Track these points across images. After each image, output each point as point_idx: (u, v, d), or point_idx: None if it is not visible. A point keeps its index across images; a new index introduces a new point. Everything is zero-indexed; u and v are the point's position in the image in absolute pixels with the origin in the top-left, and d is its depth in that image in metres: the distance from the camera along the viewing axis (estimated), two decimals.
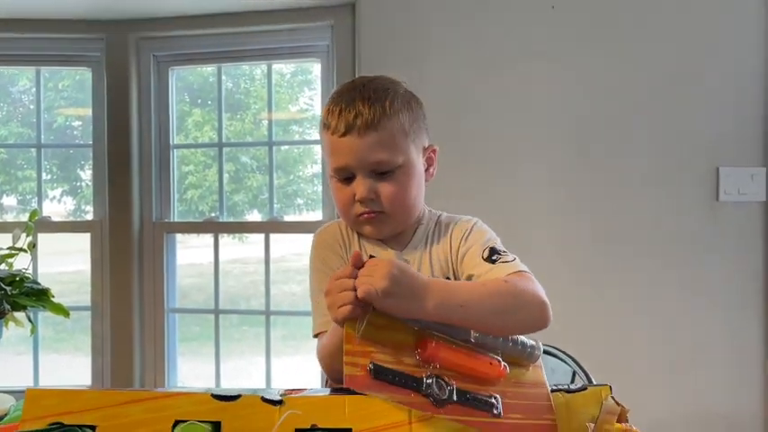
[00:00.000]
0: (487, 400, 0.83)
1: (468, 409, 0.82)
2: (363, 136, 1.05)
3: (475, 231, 1.14)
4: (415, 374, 0.83)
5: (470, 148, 2.18)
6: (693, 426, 2.12)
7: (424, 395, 0.82)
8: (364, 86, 1.09)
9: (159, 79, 2.53)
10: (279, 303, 2.63)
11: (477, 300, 0.92)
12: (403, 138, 1.08)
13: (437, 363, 0.85)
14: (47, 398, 0.89)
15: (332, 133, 1.08)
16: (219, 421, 0.87)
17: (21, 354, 2.64)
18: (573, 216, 2.16)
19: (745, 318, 2.12)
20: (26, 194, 2.85)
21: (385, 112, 1.06)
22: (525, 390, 0.87)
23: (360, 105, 1.05)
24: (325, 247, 1.18)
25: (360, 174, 1.08)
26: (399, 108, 1.08)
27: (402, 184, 1.09)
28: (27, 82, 2.77)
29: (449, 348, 0.87)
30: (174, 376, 2.54)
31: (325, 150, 1.13)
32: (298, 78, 2.90)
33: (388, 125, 1.06)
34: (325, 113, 1.10)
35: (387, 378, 0.82)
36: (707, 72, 2.12)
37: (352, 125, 1.05)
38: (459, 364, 0.86)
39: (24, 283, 1.83)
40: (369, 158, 1.06)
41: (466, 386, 0.84)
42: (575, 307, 2.14)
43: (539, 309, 0.98)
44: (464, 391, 0.83)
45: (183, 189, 2.73)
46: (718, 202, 2.12)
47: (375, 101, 1.06)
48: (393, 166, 1.08)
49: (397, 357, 0.84)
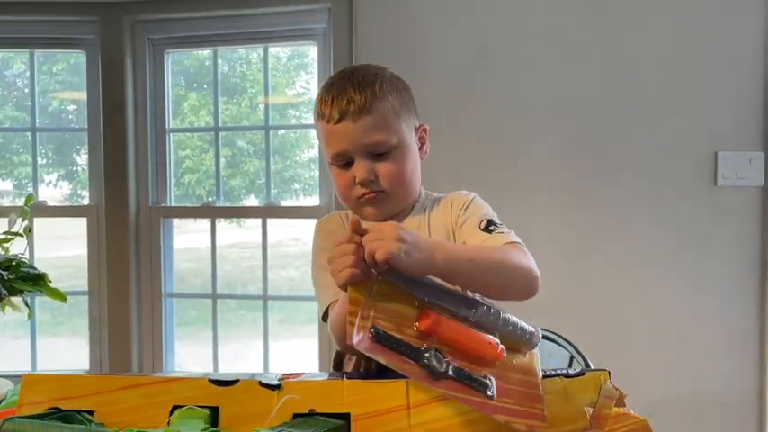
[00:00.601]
0: (482, 381, 0.83)
1: (463, 386, 0.81)
2: (357, 120, 1.09)
3: (474, 204, 1.19)
4: (415, 345, 0.83)
5: (469, 131, 2.17)
6: (690, 410, 2.13)
7: (421, 366, 0.81)
8: (353, 74, 1.15)
9: (154, 63, 2.51)
10: (276, 288, 2.63)
11: (482, 257, 0.98)
12: (395, 118, 1.13)
13: (436, 336, 0.84)
14: (44, 383, 0.89)
15: (327, 122, 1.12)
16: (217, 406, 0.87)
17: (18, 338, 2.65)
18: (571, 201, 2.16)
19: (741, 302, 2.13)
20: (22, 179, 2.84)
21: (375, 95, 1.10)
22: (520, 376, 0.86)
23: (351, 92, 1.10)
24: (326, 234, 1.22)
25: (357, 157, 1.12)
26: (388, 91, 1.13)
27: (399, 162, 1.13)
28: (21, 65, 2.75)
29: (449, 323, 0.86)
30: (171, 360, 2.55)
31: (321, 139, 1.17)
32: (294, 62, 2.88)
33: (379, 107, 1.10)
34: (319, 104, 1.15)
35: (388, 344, 0.82)
36: (706, 57, 2.11)
37: (346, 111, 1.09)
38: (457, 340, 0.85)
39: (21, 268, 1.83)
40: (365, 141, 1.10)
41: (462, 364, 0.83)
42: (572, 292, 2.14)
43: (532, 278, 1.03)
44: (460, 369, 0.82)
45: (180, 173, 2.72)
46: (716, 187, 2.11)
47: (365, 86, 1.11)
48: (389, 147, 1.12)
49: (398, 326, 0.84)
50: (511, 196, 2.12)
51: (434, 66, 2.18)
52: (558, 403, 0.88)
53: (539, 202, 2.16)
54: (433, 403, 0.87)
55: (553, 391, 0.89)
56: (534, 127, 2.17)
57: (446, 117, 2.12)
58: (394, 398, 0.83)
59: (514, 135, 2.17)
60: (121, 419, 0.85)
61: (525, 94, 2.17)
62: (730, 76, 2.11)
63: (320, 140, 1.19)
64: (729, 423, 2.14)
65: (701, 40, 2.11)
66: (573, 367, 1.19)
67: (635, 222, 2.14)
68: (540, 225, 2.13)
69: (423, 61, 2.17)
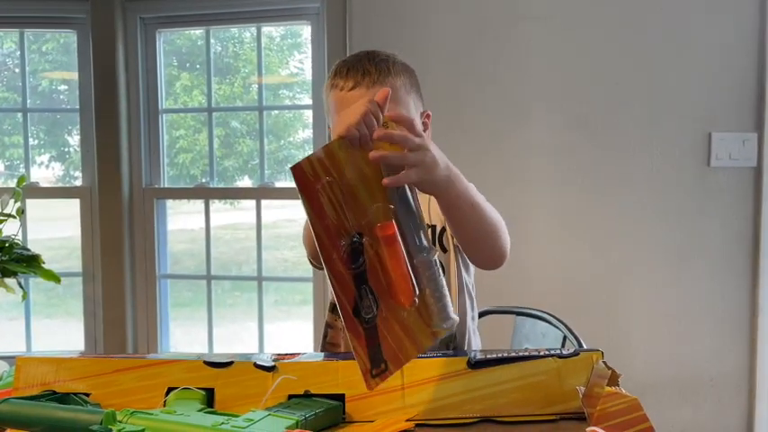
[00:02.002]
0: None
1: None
2: (371, 88, 1.12)
3: None
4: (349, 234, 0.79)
5: (467, 111, 2.16)
6: (680, 388, 2.16)
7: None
8: (367, 54, 1.19)
9: (146, 42, 2.48)
10: (271, 269, 2.63)
11: (483, 210, 1.01)
12: (405, 94, 1.17)
13: (381, 245, 0.81)
14: (38, 365, 0.89)
15: (340, 90, 1.15)
16: (212, 388, 0.87)
17: (13, 319, 2.65)
18: (565, 180, 2.16)
19: (733, 283, 2.14)
20: (13, 160, 2.81)
21: (389, 70, 1.15)
22: (401, 334, 0.82)
23: (366, 65, 1.15)
24: None
25: None
26: (401, 70, 1.18)
27: None
28: (12, 45, 2.71)
29: (399, 245, 0.82)
30: (166, 341, 2.55)
31: (332, 109, 1.18)
32: (287, 42, 2.86)
33: (392, 82, 1.14)
34: (332, 77, 1.18)
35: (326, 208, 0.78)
36: (700, 38, 2.10)
37: (361, 80, 1.14)
38: (392, 262, 0.82)
39: (14, 250, 1.82)
40: None
41: (375, 285, 0.81)
42: (564, 272, 2.16)
43: (505, 250, 1.09)
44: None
45: (174, 153, 2.71)
46: (710, 168, 2.12)
47: (380, 62, 1.16)
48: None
49: (348, 206, 0.80)
50: (506, 176, 2.13)
51: (429, 45, 2.16)
52: (551, 383, 0.89)
53: (533, 181, 2.16)
54: (427, 384, 0.88)
55: (546, 371, 0.89)
56: (531, 109, 2.16)
57: (442, 101, 2.11)
58: (389, 380, 0.83)
59: (510, 114, 2.16)
60: (117, 401, 0.85)
61: (521, 73, 2.16)
62: (725, 57, 2.10)
63: (330, 113, 1.20)
64: (719, 401, 2.16)
65: (695, 21, 2.10)
66: (566, 348, 1.20)
67: (628, 203, 2.15)
68: (533, 203, 2.14)
69: (417, 40, 2.16)
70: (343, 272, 0.79)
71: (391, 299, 0.82)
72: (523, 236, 1.79)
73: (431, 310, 0.85)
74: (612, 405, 0.76)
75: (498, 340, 1.44)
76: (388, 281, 0.82)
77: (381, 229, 0.82)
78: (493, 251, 1.07)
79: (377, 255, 0.81)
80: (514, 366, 0.89)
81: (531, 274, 2.13)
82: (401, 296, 0.82)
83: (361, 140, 0.81)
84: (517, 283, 1.85)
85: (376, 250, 0.81)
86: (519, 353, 0.93)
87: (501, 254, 1.08)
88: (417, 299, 0.83)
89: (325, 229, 0.78)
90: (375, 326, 0.80)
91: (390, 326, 0.81)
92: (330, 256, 0.78)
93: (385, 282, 0.82)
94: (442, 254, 1.23)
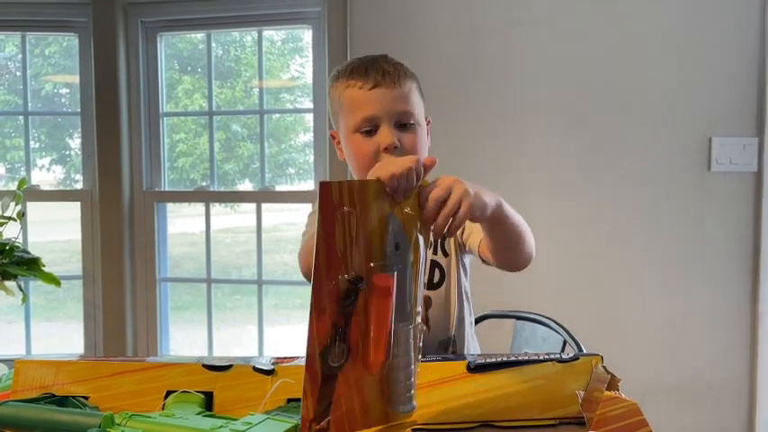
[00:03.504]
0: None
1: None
2: (391, 88, 1.15)
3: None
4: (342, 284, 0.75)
5: (466, 113, 2.16)
6: (680, 393, 2.15)
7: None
8: (380, 57, 1.21)
9: (147, 46, 2.49)
10: (271, 273, 2.63)
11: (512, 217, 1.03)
12: (417, 98, 1.20)
13: (373, 296, 0.77)
14: (37, 368, 0.89)
15: (359, 88, 1.16)
16: (211, 391, 0.87)
17: (12, 322, 2.64)
18: (565, 186, 2.16)
19: (734, 287, 2.14)
20: (14, 163, 2.81)
21: (405, 73, 1.19)
22: (354, 395, 0.77)
23: (384, 65, 1.17)
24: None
25: (385, 123, 1.15)
26: (412, 75, 1.21)
27: (419, 136, 1.18)
28: (14, 48, 2.72)
29: (389, 304, 0.79)
30: (166, 344, 2.55)
31: (346, 107, 1.18)
32: (288, 45, 2.86)
33: (407, 83, 1.18)
34: (348, 76, 1.18)
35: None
36: (701, 43, 2.11)
37: (382, 80, 1.15)
38: (377, 321, 0.78)
39: (14, 252, 1.82)
40: (396, 108, 1.15)
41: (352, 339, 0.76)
42: (565, 277, 2.15)
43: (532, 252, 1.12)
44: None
45: (174, 157, 2.71)
46: (710, 172, 2.12)
47: (395, 65, 1.19)
48: (414, 120, 1.17)
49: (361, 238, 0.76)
50: (506, 178, 2.12)
51: (429, 50, 2.16)
52: (550, 388, 0.88)
53: (534, 184, 2.16)
54: (427, 388, 0.87)
55: (546, 375, 0.89)
56: (529, 114, 2.16)
57: (440, 104, 2.11)
58: None
59: (511, 116, 2.17)
60: (116, 404, 0.85)
61: (521, 75, 2.16)
62: (725, 61, 2.10)
63: (343, 110, 1.19)
64: (719, 405, 2.16)
65: (696, 25, 2.11)
66: (566, 352, 1.20)
67: (629, 208, 2.15)
68: (532, 207, 2.13)
69: (418, 45, 2.16)
70: (326, 306, 0.73)
71: (359, 358, 0.76)
72: None
73: (394, 388, 0.80)
74: (612, 409, 0.76)
75: (498, 344, 1.44)
76: (365, 336, 0.77)
77: (380, 278, 0.77)
78: (524, 254, 1.10)
79: (364, 305, 0.76)
80: (514, 371, 0.89)
81: (530, 278, 2.11)
82: (372, 356, 0.78)
83: (397, 191, 0.80)
84: (517, 288, 1.84)
85: (366, 300, 0.76)
86: (519, 357, 0.92)
87: (530, 255, 1.11)
88: (386, 368, 0.79)
89: (327, 256, 0.74)
90: (335, 377, 0.74)
91: (348, 386, 0.76)
92: (320, 286, 0.73)
93: (362, 336, 0.76)
94: (444, 258, 1.23)
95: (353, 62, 1.21)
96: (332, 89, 1.22)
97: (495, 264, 1.14)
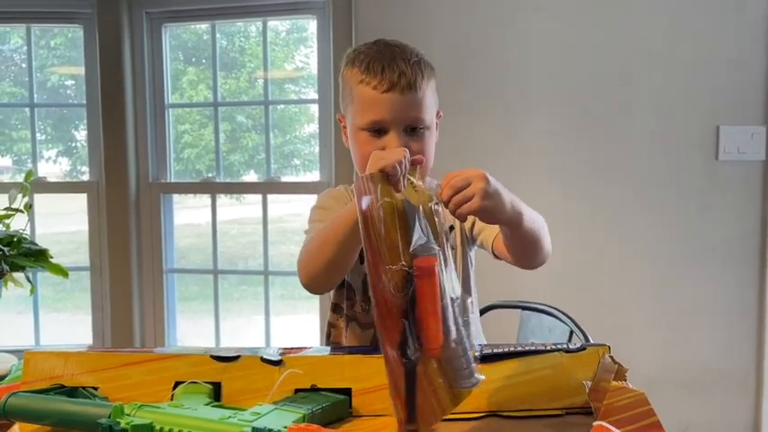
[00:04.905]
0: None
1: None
2: (405, 94, 1.11)
3: None
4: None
5: (471, 103, 2.15)
6: (688, 382, 2.15)
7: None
8: (398, 48, 1.15)
9: (152, 37, 2.48)
10: (277, 264, 2.64)
11: (531, 218, 1.03)
12: (432, 101, 1.16)
13: (420, 281, 0.78)
14: (46, 359, 0.90)
15: (373, 88, 1.11)
16: (219, 382, 0.88)
17: (21, 313, 2.66)
18: (572, 175, 2.16)
19: (740, 276, 2.13)
20: (21, 155, 2.82)
21: (423, 75, 1.13)
22: (425, 383, 0.78)
23: (402, 65, 1.11)
24: (329, 198, 1.27)
25: (394, 129, 1.11)
26: (430, 74, 1.16)
27: (427, 142, 1.14)
28: (19, 40, 2.72)
29: (433, 283, 0.79)
30: (173, 335, 2.56)
31: (357, 102, 1.14)
32: (293, 36, 2.85)
33: (423, 87, 1.13)
34: (364, 68, 1.13)
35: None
36: (708, 31, 2.09)
37: (397, 83, 1.10)
38: (425, 298, 0.78)
39: (22, 244, 1.83)
40: (408, 114, 1.11)
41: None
42: (573, 266, 2.15)
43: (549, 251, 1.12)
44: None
45: (180, 148, 2.71)
46: (718, 161, 2.11)
47: (414, 64, 1.13)
48: (423, 126, 1.13)
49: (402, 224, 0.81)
50: (511, 168, 2.12)
51: (434, 38, 2.15)
52: (557, 378, 0.89)
53: (538, 174, 2.15)
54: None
55: (553, 365, 0.89)
56: (534, 104, 2.15)
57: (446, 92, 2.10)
58: None
59: (515, 107, 2.16)
60: (125, 395, 0.85)
61: (526, 66, 2.15)
62: (733, 49, 2.09)
63: (353, 103, 1.15)
64: (727, 395, 2.16)
65: (704, 14, 2.09)
66: (573, 342, 1.20)
67: (636, 197, 2.14)
68: (539, 196, 2.12)
69: (423, 33, 2.15)
70: (390, 302, 0.74)
71: (423, 345, 0.77)
72: None
73: (454, 365, 0.80)
74: (619, 399, 0.76)
75: (505, 335, 1.44)
76: (421, 321, 0.77)
77: (423, 261, 0.78)
78: (539, 257, 1.10)
79: (419, 294, 0.77)
80: (521, 361, 0.89)
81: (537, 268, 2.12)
82: (432, 340, 0.77)
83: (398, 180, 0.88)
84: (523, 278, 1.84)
85: (417, 288, 0.77)
86: (526, 347, 0.92)
87: (546, 256, 1.11)
88: (445, 351, 0.79)
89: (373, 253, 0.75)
90: (415, 372, 0.75)
91: (422, 378, 0.76)
92: (378, 283, 0.74)
93: (420, 322, 0.77)
94: (450, 251, 1.22)
95: (371, 52, 1.14)
96: (345, 73, 1.17)
97: (511, 262, 1.14)
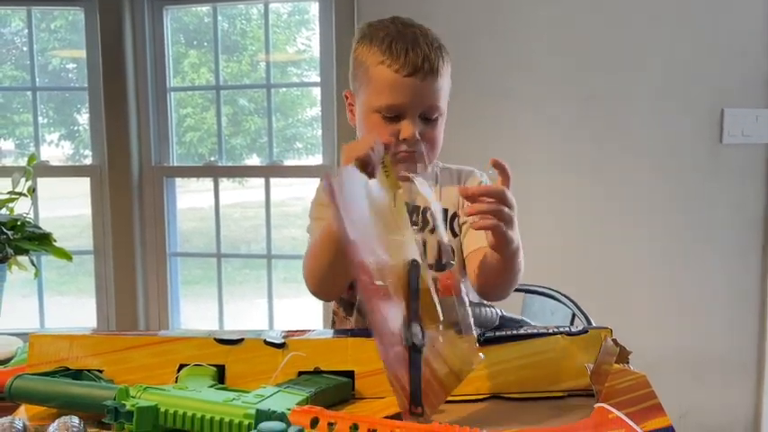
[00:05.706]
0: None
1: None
2: (425, 80, 1.08)
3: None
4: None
5: (471, 92, 2.14)
6: (690, 366, 2.16)
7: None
8: (420, 30, 1.12)
9: (154, 20, 2.47)
10: (280, 247, 2.64)
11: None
12: (448, 88, 1.14)
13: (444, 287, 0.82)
14: (51, 342, 0.90)
15: (395, 71, 1.08)
16: (223, 364, 0.88)
17: (26, 296, 2.67)
18: (575, 159, 2.15)
19: (744, 260, 2.13)
20: (23, 139, 2.82)
21: (444, 61, 1.11)
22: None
23: (426, 49, 1.09)
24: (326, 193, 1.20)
25: (409, 114, 1.09)
26: (448, 60, 1.13)
27: (439, 130, 1.14)
28: (20, 23, 2.71)
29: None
30: (177, 318, 2.58)
31: (373, 84, 1.11)
32: (295, 18, 2.83)
33: (444, 74, 1.11)
34: (385, 48, 1.09)
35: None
36: (712, 13, 2.07)
37: (420, 68, 1.07)
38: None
39: (26, 228, 1.84)
40: (425, 102, 1.09)
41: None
42: (575, 250, 2.15)
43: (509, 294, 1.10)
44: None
45: (182, 132, 2.71)
46: (722, 144, 2.10)
47: (437, 48, 1.10)
48: (438, 113, 1.12)
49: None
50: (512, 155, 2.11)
51: (437, 22, 2.13)
52: (560, 361, 0.89)
53: (540, 159, 2.15)
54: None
55: (555, 348, 0.90)
56: (539, 87, 2.14)
57: None
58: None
59: (516, 92, 2.15)
60: (130, 377, 0.86)
61: (527, 51, 2.13)
62: (737, 32, 2.07)
63: (369, 83, 1.11)
64: (728, 379, 2.17)
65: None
66: (575, 325, 1.20)
67: (640, 181, 2.14)
68: (542, 180, 2.13)
69: (426, 17, 2.13)
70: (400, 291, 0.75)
71: (441, 290, 0.80)
72: (533, 213, 1.79)
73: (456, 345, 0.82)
74: (621, 382, 0.76)
75: None
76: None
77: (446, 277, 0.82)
78: (499, 297, 1.10)
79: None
80: (524, 344, 0.90)
81: (539, 251, 2.11)
82: (445, 284, 0.81)
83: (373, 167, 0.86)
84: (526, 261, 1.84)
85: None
86: (528, 330, 0.93)
87: (508, 295, 1.10)
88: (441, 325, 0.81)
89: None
90: (421, 359, 0.76)
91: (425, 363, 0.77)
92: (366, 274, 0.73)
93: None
94: (453, 238, 1.23)
95: (391, 31, 1.10)
96: (359, 51, 1.13)
97: (474, 284, 1.12)
